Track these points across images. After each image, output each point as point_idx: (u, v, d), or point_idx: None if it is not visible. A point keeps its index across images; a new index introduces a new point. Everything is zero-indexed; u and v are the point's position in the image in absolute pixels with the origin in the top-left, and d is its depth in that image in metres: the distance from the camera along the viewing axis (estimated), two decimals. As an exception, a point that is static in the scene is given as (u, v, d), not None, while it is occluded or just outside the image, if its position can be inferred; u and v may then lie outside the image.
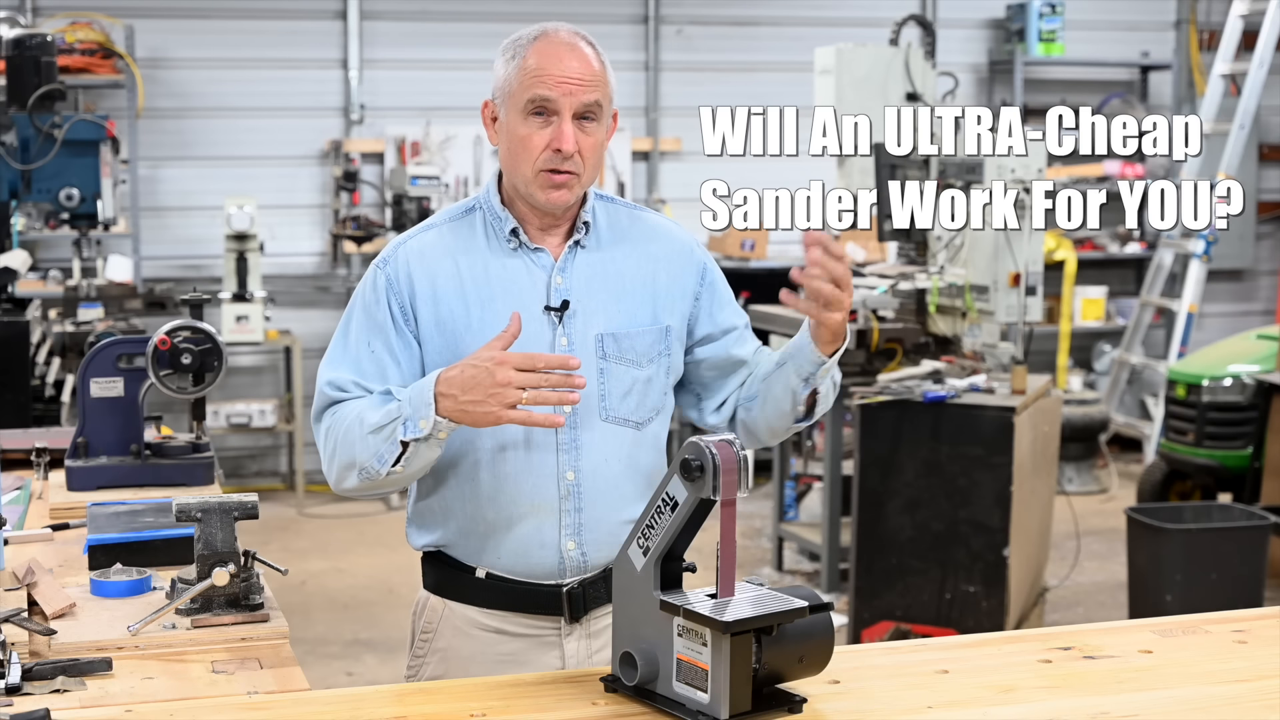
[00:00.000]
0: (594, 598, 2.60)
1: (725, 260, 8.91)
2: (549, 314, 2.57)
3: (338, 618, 6.40)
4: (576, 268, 2.61)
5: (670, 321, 2.65)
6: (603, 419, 2.58)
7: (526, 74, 2.52)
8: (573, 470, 2.56)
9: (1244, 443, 6.86)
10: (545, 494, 2.56)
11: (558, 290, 2.58)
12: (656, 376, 2.63)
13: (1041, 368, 7.98)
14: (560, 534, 2.57)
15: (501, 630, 2.62)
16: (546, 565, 2.58)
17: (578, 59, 2.53)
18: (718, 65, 9.37)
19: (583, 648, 2.62)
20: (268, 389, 8.93)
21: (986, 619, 5.34)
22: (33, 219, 7.46)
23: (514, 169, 2.58)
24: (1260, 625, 2.66)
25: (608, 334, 2.59)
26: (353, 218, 8.63)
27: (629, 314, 2.61)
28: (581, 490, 2.57)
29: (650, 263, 2.65)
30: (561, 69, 2.51)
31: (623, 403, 2.60)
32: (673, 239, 2.71)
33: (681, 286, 2.67)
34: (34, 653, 2.40)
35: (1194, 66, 10.10)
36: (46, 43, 5.50)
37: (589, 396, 2.56)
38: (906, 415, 5.53)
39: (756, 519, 7.82)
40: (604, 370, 2.58)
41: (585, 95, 2.52)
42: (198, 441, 3.51)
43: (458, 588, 2.64)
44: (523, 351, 2.42)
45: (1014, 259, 5.73)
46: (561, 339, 2.56)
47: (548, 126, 2.52)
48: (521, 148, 2.54)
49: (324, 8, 8.83)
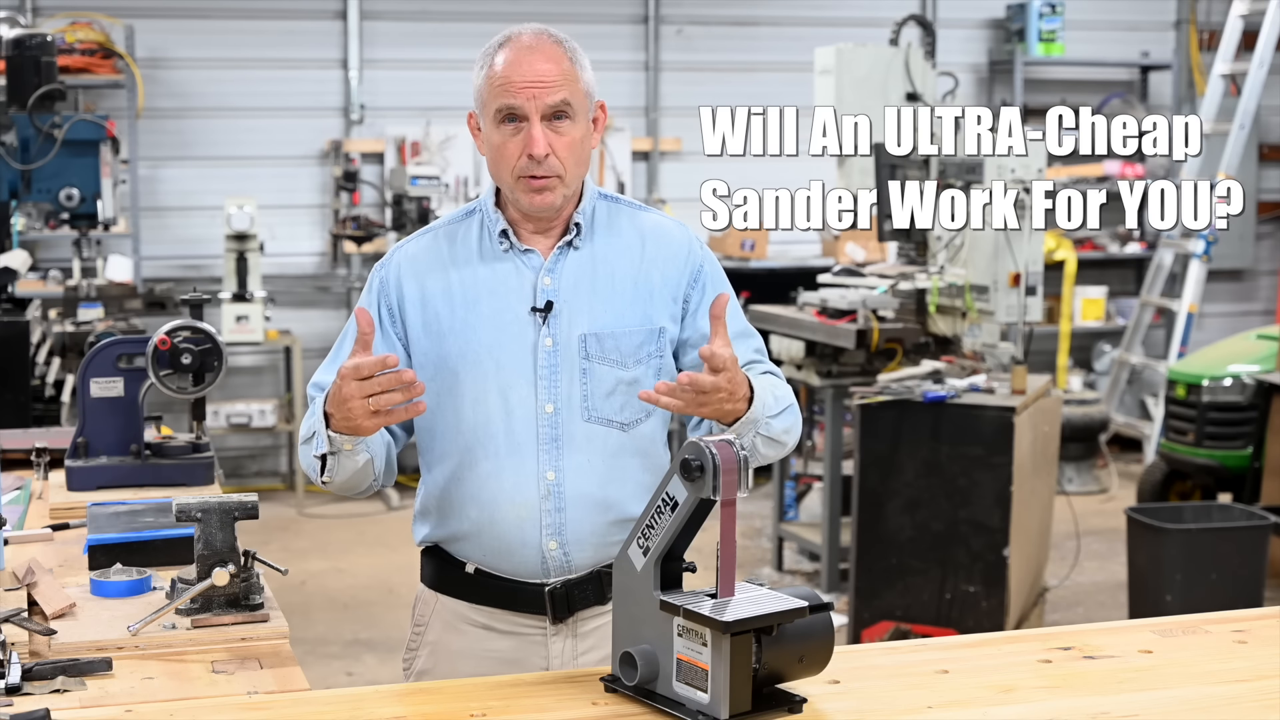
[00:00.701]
0: (580, 599, 2.61)
1: (725, 260, 8.90)
2: (534, 314, 2.58)
3: (338, 618, 6.40)
4: (565, 268, 2.61)
5: (663, 323, 2.64)
6: (585, 419, 2.58)
7: (494, 82, 2.53)
8: (553, 470, 2.57)
9: (1244, 443, 6.86)
10: (525, 493, 2.57)
11: (544, 291, 2.59)
12: (644, 378, 2.61)
13: (1041, 368, 7.99)
14: (541, 533, 2.57)
15: (489, 627, 2.64)
16: (529, 564, 2.59)
17: (543, 60, 2.51)
18: (718, 65, 9.37)
19: (569, 648, 2.62)
20: (268, 389, 8.93)
21: (986, 619, 5.34)
22: (33, 219, 7.46)
23: (498, 177, 2.60)
24: (1260, 625, 2.66)
25: (591, 334, 2.58)
26: (353, 218, 8.63)
27: (615, 314, 2.60)
28: (563, 490, 2.57)
29: (645, 262, 2.64)
30: (524, 73, 2.50)
31: (606, 403, 2.59)
32: (670, 239, 2.68)
33: (674, 288, 2.66)
34: (34, 653, 2.40)
35: (1194, 66, 10.10)
36: (46, 43, 5.50)
37: (571, 396, 2.57)
38: (906, 415, 5.53)
39: (756, 519, 7.82)
40: (586, 370, 2.58)
41: (550, 96, 2.51)
42: (198, 441, 3.51)
43: (450, 582, 2.66)
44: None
45: (1014, 259, 5.73)
46: (546, 339, 2.57)
47: (519, 133, 2.52)
48: (499, 156, 2.56)
49: (324, 8, 8.83)
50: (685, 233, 2.72)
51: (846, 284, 6.71)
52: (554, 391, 2.57)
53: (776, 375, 2.72)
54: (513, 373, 2.57)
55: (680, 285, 2.66)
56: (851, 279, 6.76)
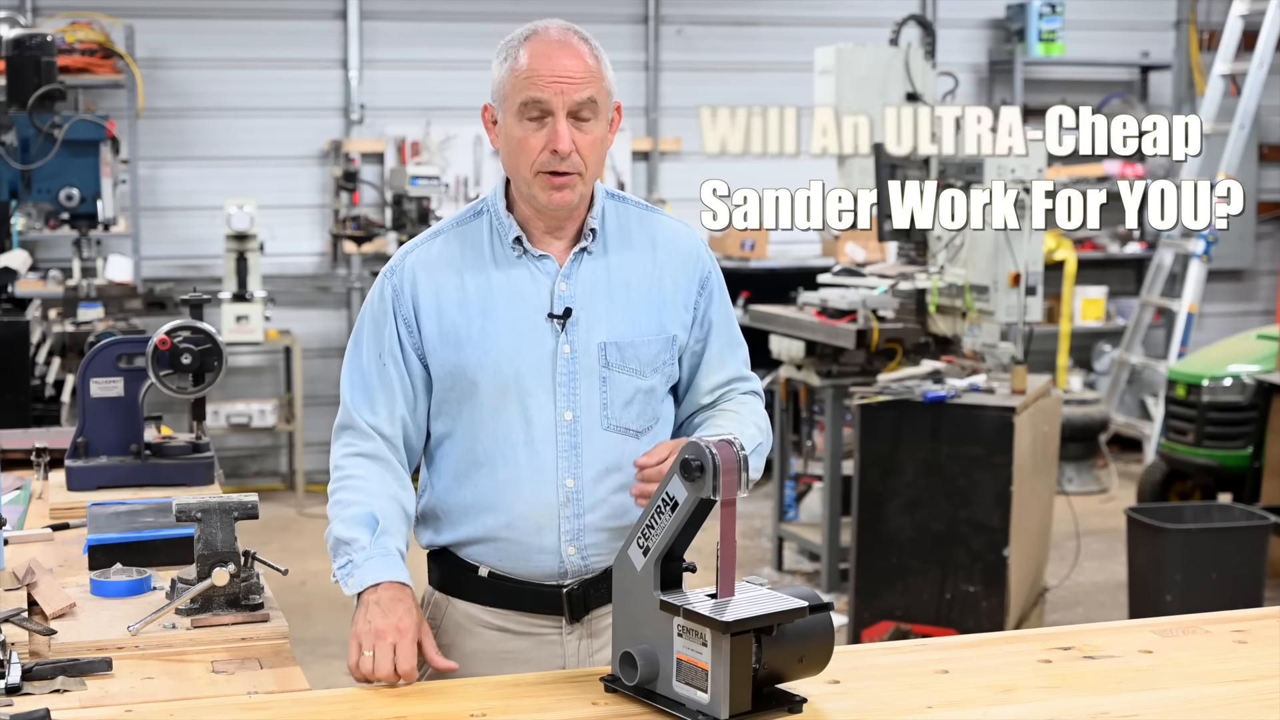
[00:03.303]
0: (595, 597, 2.60)
1: (725, 260, 8.91)
2: (552, 321, 2.55)
3: (338, 618, 6.39)
4: (581, 274, 2.58)
5: (676, 331, 2.62)
6: (604, 428, 2.56)
7: (519, 75, 2.49)
8: (572, 478, 2.55)
9: (1244, 443, 6.86)
10: (545, 501, 2.55)
11: (561, 297, 2.56)
12: (659, 386, 2.61)
13: (1041, 368, 7.98)
14: (560, 540, 2.56)
15: (504, 628, 2.62)
16: (547, 568, 2.58)
17: (570, 56, 2.49)
18: (718, 65, 9.36)
19: (584, 647, 2.62)
20: (268, 389, 8.93)
21: (986, 619, 5.34)
22: (33, 219, 7.46)
23: (515, 172, 2.56)
24: (1260, 625, 2.66)
25: (611, 343, 2.56)
26: (353, 218, 8.63)
27: (633, 322, 2.58)
28: (582, 498, 2.56)
29: (657, 269, 2.62)
30: (552, 68, 2.48)
31: (624, 412, 2.58)
32: (680, 244, 2.66)
33: (685, 296, 2.64)
34: (34, 653, 2.40)
35: (1194, 66, 10.10)
36: (46, 43, 5.50)
37: (591, 406, 2.55)
38: (906, 415, 5.53)
39: (756, 519, 7.82)
40: (606, 379, 2.56)
41: (578, 93, 2.48)
42: (198, 441, 3.51)
43: (461, 585, 2.64)
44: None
45: (1014, 259, 5.73)
46: (564, 346, 2.55)
47: (543, 128, 2.49)
48: (519, 150, 2.52)
49: (324, 8, 8.83)
50: (692, 237, 2.70)
51: (846, 284, 6.71)
52: (573, 399, 2.55)
53: (756, 394, 2.73)
54: (532, 381, 2.54)
55: (691, 293, 2.65)
56: (851, 279, 6.76)
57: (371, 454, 2.58)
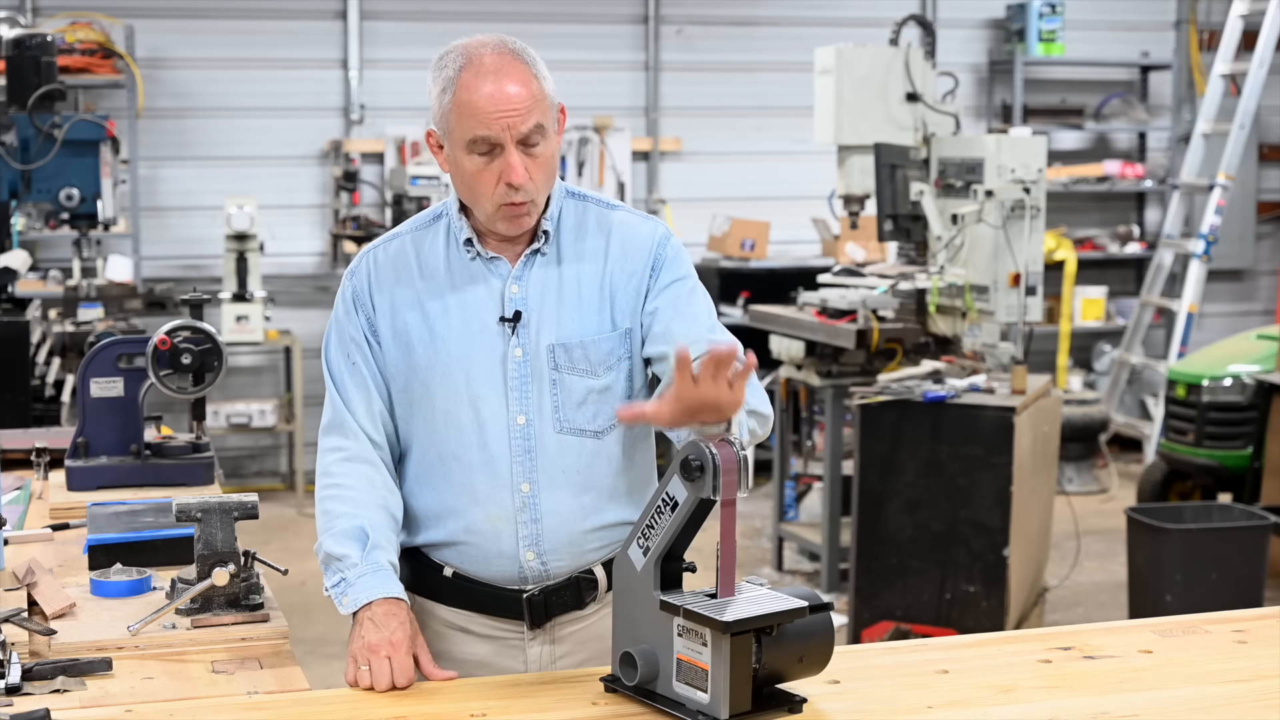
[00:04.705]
0: (557, 604, 2.58)
1: (725, 260, 8.91)
2: (503, 325, 2.54)
3: (338, 618, 6.36)
4: (533, 276, 2.55)
5: (628, 324, 2.57)
6: (557, 430, 2.54)
7: (461, 111, 2.44)
8: (528, 482, 2.53)
9: (1244, 443, 6.86)
10: (501, 505, 2.54)
11: (512, 300, 2.54)
12: (616, 384, 2.57)
13: (1041, 368, 7.98)
14: (519, 545, 2.55)
15: (467, 630, 2.62)
16: (507, 573, 2.57)
17: (511, 82, 2.43)
18: (718, 65, 9.36)
19: (546, 653, 2.60)
20: (268, 389, 8.93)
21: (986, 619, 5.34)
22: (33, 219, 7.46)
23: (472, 202, 2.54)
24: (1260, 625, 2.66)
25: (559, 344, 2.53)
26: (353, 218, 8.63)
27: (581, 323, 2.55)
28: (539, 502, 2.54)
29: (610, 265, 2.58)
30: (496, 103, 2.42)
31: (578, 413, 2.55)
32: (635, 237, 2.60)
33: (636, 284, 2.58)
34: (34, 653, 2.40)
35: (1194, 66, 10.10)
36: (46, 43, 5.50)
37: (543, 408, 2.53)
38: (906, 415, 5.53)
39: (756, 519, 7.82)
40: (556, 381, 2.53)
41: (525, 124, 2.43)
42: (198, 441, 3.51)
43: (428, 585, 2.64)
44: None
45: (1014, 259, 5.73)
46: (515, 350, 2.53)
47: (494, 159, 2.45)
48: (475, 184, 2.48)
49: (324, 8, 8.83)
50: (652, 228, 2.62)
51: (846, 284, 6.71)
52: (525, 403, 2.53)
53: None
54: (483, 384, 2.53)
55: (642, 280, 2.58)
56: (851, 279, 6.76)
57: (358, 457, 2.58)
